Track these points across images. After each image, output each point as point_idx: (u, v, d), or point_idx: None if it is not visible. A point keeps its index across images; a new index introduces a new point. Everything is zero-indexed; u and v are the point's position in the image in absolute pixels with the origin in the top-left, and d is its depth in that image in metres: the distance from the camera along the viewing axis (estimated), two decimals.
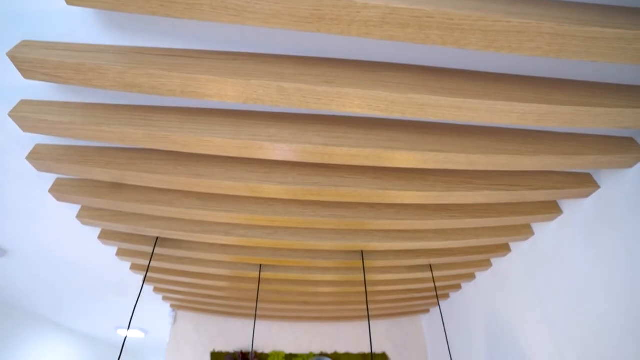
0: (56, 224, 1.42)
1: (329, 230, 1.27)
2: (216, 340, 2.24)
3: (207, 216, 1.12)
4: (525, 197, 1.09)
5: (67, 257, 1.70)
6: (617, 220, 1.01)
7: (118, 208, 1.14)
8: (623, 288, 0.98)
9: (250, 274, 1.49)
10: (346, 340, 2.32)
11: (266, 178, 0.96)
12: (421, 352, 2.33)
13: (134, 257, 1.50)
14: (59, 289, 2.14)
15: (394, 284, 1.68)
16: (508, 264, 1.51)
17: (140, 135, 0.82)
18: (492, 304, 1.62)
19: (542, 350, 1.28)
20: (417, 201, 1.04)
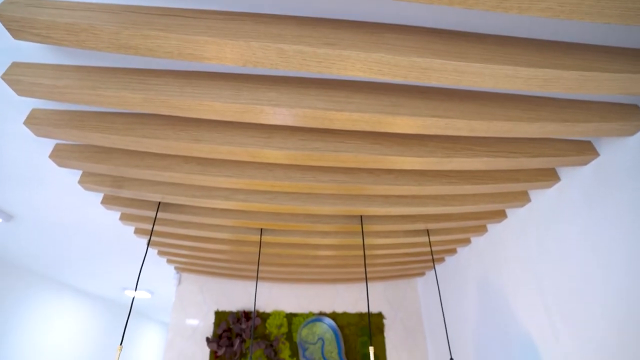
0: (59, 190, 1.43)
1: (328, 195, 1.28)
2: (219, 301, 2.34)
3: (208, 181, 1.13)
4: (524, 164, 1.10)
5: (72, 221, 1.73)
6: (615, 187, 1.02)
7: (119, 173, 1.15)
8: (616, 254, 1.01)
9: (252, 237, 1.53)
10: (344, 301, 2.43)
11: (266, 143, 0.95)
12: (416, 312, 2.45)
13: (138, 222, 1.53)
14: (66, 252, 2.21)
15: (392, 248, 1.73)
16: (503, 229, 1.55)
17: (138, 99, 0.81)
18: (485, 268, 1.68)
19: (531, 311, 1.35)
20: (417, 167, 1.05)
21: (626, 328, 0.96)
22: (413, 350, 2.31)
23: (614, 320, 1.00)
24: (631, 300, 0.95)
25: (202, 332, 2.22)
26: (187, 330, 2.23)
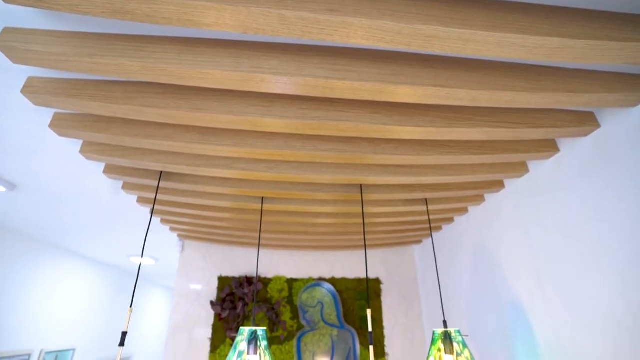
0: (61, 159, 1.44)
1: (328, 164, 1.29)
2: (222, 267, 2.42)
3: (208, 150, 1.13)
4: (524, 135, 1.10)
5: (75, 190, 1.75)
6: (615, 158, 1.03)
7: (119, 143, 1.15)
8: (611, 224, 1.04)
9: (252, 205, 1.56)
10: (343, 267, 2.51)
11: (267, 112, 0.95)
12: (412, 278, 2.54)
13: (140, 191, 1.54)
14: (71, 221, 2.25)
15: (390, 217, 1.76)
16: (501, 199, 1.58)
17: (136, 67, 0.79)
18: (481, 236, 1.73)
19: (523, 277, 1.40)
20: (417, 137, 1.05)
21: (613, 294, 1.01)
22: (408, 313, 2.43)
23: (603, 286, 1.05)
24: (622, 267, 0.99)
25: (206, 296, 2.32)
26: (191, 294, 2.32)
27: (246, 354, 1.19)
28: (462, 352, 1.26)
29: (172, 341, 2.19)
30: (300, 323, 2.30)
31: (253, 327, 1.22)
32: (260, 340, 1.21)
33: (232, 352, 1.19)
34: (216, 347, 2.18)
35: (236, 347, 1.19)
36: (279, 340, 2.24)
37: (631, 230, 0.96)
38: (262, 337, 1.22)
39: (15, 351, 2.64)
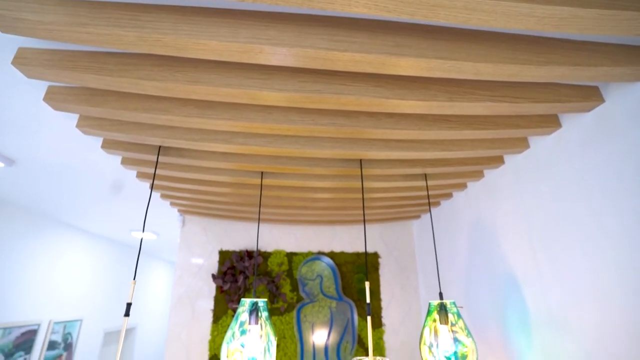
0: (59, 134, 1.42)
1: (328, 139, 1.28)
2: (223, 241, 2.45)
3: (207, 124, 1.12)
4: (527, 109, 1.08)
5: (75, 165, 1.74)
6: (618, 134, 1.02)
7: (117, 117, 1.13)
8: (609, 200, 1.05)
9: (252, 180, 1.56)
10: (342, 241, 2.55)
11: (265, 85, 0.93)
12: (409, 252, 2.59)
13: (139, 166, 1.54)
14: (72, 196, 2.25)
15: (389, 192, 1.77)
16: (500, 175, 1.58)
17: (131, 37, 0.77)
18: (479, 211, 1.74)
19: (518, 252, 1.43)
20: (418, 111, 1.04)
21: (606, 269, 1.03)
22: (405, 286, 2.49)
23: (598, 261, 1.07)
24: (618, 243, 1.01)
25: (208, 270, 2.36)
26: (193, 268, 2.36)
27: (247, 324, 1.22)
28: (456, 323, 1.31)
29: (175, 312, 2.26)
30: (299, 295, 2.36)
31: (254, 299, 1.25)
32: (261, 311, 1.24)
33: (234, 323, 1.22)
34: (218, 317, 2.25)
35: (238, 318, 1.23)
36: (279, 311, 2.31)
37: (630, 207, 0.97)
38: (263, 308, 1.26)
39: (25, 321, 2.73)
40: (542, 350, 1.29)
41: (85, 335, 3.57)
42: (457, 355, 1.26)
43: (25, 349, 2.73)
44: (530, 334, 1.35)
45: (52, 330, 3.03)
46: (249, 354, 1.19)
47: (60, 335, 3.17)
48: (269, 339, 1.23)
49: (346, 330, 2.32)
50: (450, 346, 1.27)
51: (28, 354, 2.77)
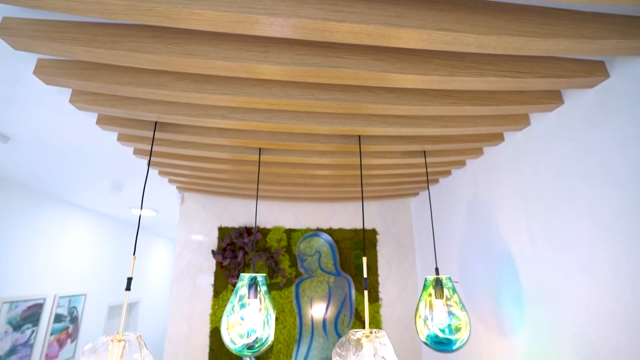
0: (53, 110, 1.40)
1: (327, 114, 1.27)
2: (222, 217, 2.47)
3: (204, 99, 1.09)
4: (530, 85, 1.06)
5: (71, 142, 1.73)
6: (620, 111, 1.00)
7: (111, 92, 1.11)
8: (609, 181, 1.04)
9: (250, 157, 1.55)
10: (340, 218, 2.57)
11: (263, 58, 0.90)
12: (407, 229, 2.62)
13: (136, 142, 1.52)
14: (70, 173, 2.24)
15: (388, 169, 1.77)
16: (499, 152, 1.57)
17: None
18: (477, 189, 1.74)
19: (514, 229, 1.44)
20: (419, 85, 1.01)
21: (603, 247, 1.04)
22: (402, 262, 2.54)
23: (595, 240, 1.08)
24: (615, 220, 1.02)
25: (208, 246, 2.39)
26: (193, 244, 2.39)
27: (247, 298, 1.25)
28: (451, 297, 1.34)
29: (176, 287, 2.31)
30: (298, 271, 2.41)
31: (253, 274, 1.27)
32: (260, 286, 1.26)
33: (234, 297, 1.25)
34: (219, 292, 2.30)
35: (237, 292, 1.25)
36: (278, 286, 2.36)
37: (632, 186, 0.97)
38: (262, 282, 1.28)
39: (31, 296, 2.79)
40: (533, 324, 1.32)
41: (89, 309, 3.66)
42: (451, 328, 1.29)
43: (32, 321, 2.81)
44: (522, 309, 1.38)
45: (58, 304, 3.11)
46: (249, 327, 1.22)
47: (66, 308, 3.25)
48: (268, 312, 1.25)
49: (344, 305, 2.38)
50: (445, 319, 1.30)
51: (36, 326, 2.85)
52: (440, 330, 1.30)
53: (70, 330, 3.34)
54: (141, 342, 1.07)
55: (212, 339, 2.22)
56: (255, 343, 1.21)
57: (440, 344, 1.29)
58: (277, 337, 2.27)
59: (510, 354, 1.46)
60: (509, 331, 1.47)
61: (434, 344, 1.30)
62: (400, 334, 2.40)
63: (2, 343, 2.48)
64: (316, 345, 2.29)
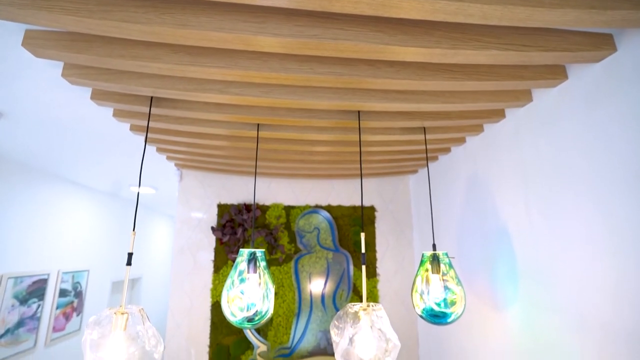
0: (46, 84, 1.36)
1: (326, 89, 1.24)
2: (221, 194, 2.47)
3: (199, 73, 1.07)
4: (533, 59, 1.03)
5: (65, 118, 1.70)
6: (625, 87, 0.98)
7: (104, 65, 1.08)
8: (610, 159, 1.04)
9: (248, 133, 1.53)
10: (339, 195, 2.58)
11: (260, 29, 0.87)
12: (405, 206, 2.63)
13: (132, 118, 1.50)
14: (68, 151, 2.22)
15: (388, 145, 1.75)
16: (500, 129, 1.55)
17: None
18: (476, 166, 1.74)
19: (512, 206, 1.45)
20: (420, 59, 0.99)
21: (598, 223, 1.05)
22: (400, 238, 2.57)
23: (592, 217, 1.08)
24: (613, 196, 1.02)
25: (207, 222, 2.41)
26: (193, 221, 2.41)
27: (246, 273, 1.27)
28: (447, 272, 1.36)
29: (177, 263, 2.34)
30: (297, 247, 2.44)
31: (252, 249, 1.29)
32: (259, 261, 1.28)
33: (233, 271, 1.27)
34: (219, 268, 2.34)
35: (236, 267, 1.27)
36: (277, 262, 2.40)
37: (632, 163, 0.96)
38: (261, 258, 1.29)
39: (35, 271, 2.84)
40: (527, 299, 1.35)
41: (93, 285, 3.74)
42: (447, 302, 1.32)
43: (38, 296, 2.87)
44: (517, 284, 1.41)
45: (62, 279, 3.17)
46: (249, 300, 1.24)
47: (70, 284, 3.31)
48: (268, 286, 1.28)
49: (342, 280, 2.43)
50: (441, 293, 1.33)
51: (41, 300, 2.92)
52: (436, 304, 1.33)
53: (76, 305, 3.42)
54: (144, 314, 1.10)
55: (213, 312, 2.28)
56: (255, 316, 1.24)
57: (435, 317, 1.32)
58: (276, 311, 2.33)
59: (503, 327, 1.50)
60: (503, 305, 1.50)
61: (430, 317, 1.33)
62: (397, 308, 2.46)
63: (10, 316, 2.55)
64: (315, 319, 2.35)
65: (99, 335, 1.00)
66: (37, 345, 2.87)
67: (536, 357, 1.30)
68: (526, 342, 1.36)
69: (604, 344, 1.02)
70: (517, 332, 1.41)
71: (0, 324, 2.47)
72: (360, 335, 1.07)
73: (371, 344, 1.07)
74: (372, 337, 1.07)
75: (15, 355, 2.61)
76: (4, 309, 2.50)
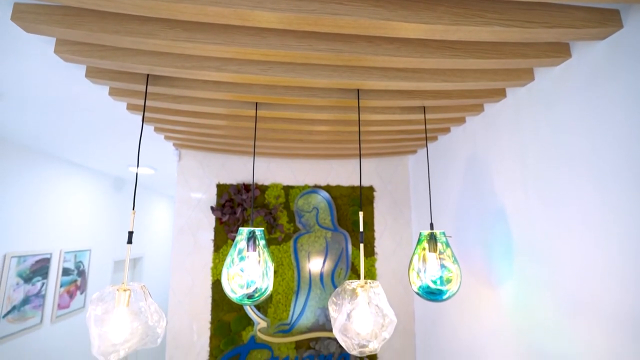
0: (40, 62, 1.34)
1: (325, 66, 1.22)
2: (220, 174, 2.47)
3: (197, 49, 1.05)
4: (537, 36, 1.01)
5: (62, 97, 1.67)
6: (630, 64, 0.96)
7: (97, 41, 1.05)
8: (610, 139, 1.03)
9: (247, 112, 1.52)
10: (338, 175, 2.58)
11: (257, 3, 0.85)
12: (404, 187, 2.64)
13: (128, 97, 1.48)
14: (64, 130, 2.20)
15: (387, 125, 1.74)
16: (500, 109, 1.54)
17: None
18: (476, 147, 1.73)
19: (510, 188, 1.45)
20: (421, 35, 0.97)
21: (595, 203, 1.06)
22: (398, 218, 2.59)
23: (587, 196, 1.09)
24: (610, 178, 1.02)
25: (207, 202, 2.42)
26: (192, 201, 2.42)
27: (246, 251, 1.29)
28: (444, 251, 1.38)
29: (178, 242, 2.37)
30: (296, 226, 2.46)
31: (251, 228, 1.30)
32: (259, 239, 1.30)
33: (233, 250, 1.29)
34: (219, 247, 2.37)
35: (236, 246, 1.29)
36: (277, 241, 2.43)
37: (632, 144, 0.96)
38: (260, 236, 1.31)
39: (37, 250, 2.87)
40: (520, 277, 1.38)
41: (95, 264, 3.79)
42: (442, 279, 1.35)
43: (41, 274, 2.92)
44: (512, 263, 1.44)
45: (64, 259, 3.21)
46: (248, 278, 1.27)
47: (72, 263, 3.36)
48: (267, 264, 1.30)
49: (340, 259, 2.47)
50: (437, 271, 1.36)
51: (45, 279, 2.97)
52: (432, 282, 1.36)
53: (79, 283, 3.48)
54: (145, 291, 1.12)
55: (214, 290, 2.32)
56: (255, 293, 1.26)
57: (431, 294, 1.35)
58: (276, 289, 2.38)
59: (495, 304, 1.54)
60: (497, 283, 1.53)
61: (426, 294, 1.36)
62: (394, 286, 2.51)
63: (15, 294, 2.61)
64: (313, 296, 2.40)
65: (103, 310, 1.03)
66: (43, 322, 2.94)
67: (528, 334, 1.34)
68: (519, 318, 1.40)
69: (595, 323, 1.05)
70: (510, 309, 1.45)
71: (7, 301, 2.52)
72: (358, 311, 1.10)
73: (368, 320, 1.09)
74: (369, 313, 1.10)
75: (23, 331, 2.69)
76: (9, 287, 2.55)
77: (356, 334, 1.10)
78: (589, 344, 1.07)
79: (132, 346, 1.03)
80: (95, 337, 0.98)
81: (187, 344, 2.27)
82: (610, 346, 1.00)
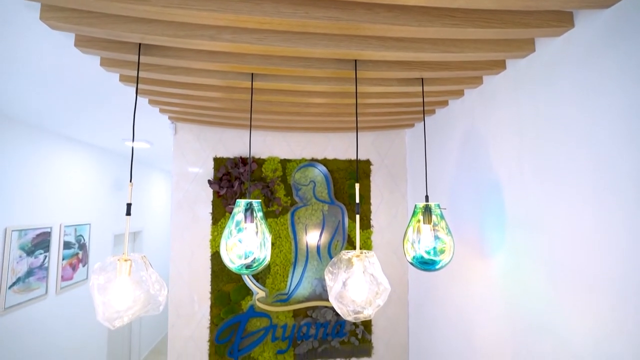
0: (25, 30, 1.29)
1: (322, 35, 1.19)
2: (216, 148, 2.46)
3: (189, 17, 1.01)
4: (540, 3, 0.99)
5: (52, 69, 1.63)
6: (635, 32, 0.94)
7: (86, 7, 1.02)
8: (608, 113, 1.03)
9: (243, 83, 1.49)
10: (335, 149, 2.58)
11: None
12: (401, 160, 2.65)
13: (120, 68, 1.45)
14: (57, 103, 2.16)
15: (384, 97, 1.72)
16: (499, 82, 1.52)
17: None
18: (473, 120, 1.73)
19: (505, 161, 1.46)
20: (421, 2, 0.94)
21: (590, 176, 1.07)
22: (394, 191, 2.62)
23: (582, 169, 1.10)
24: (606, 152, 1.03)
25: (204, 176, 2.43)
26: (189, 175, 2.42)
27: (243, 223, 1.31)
28: (439, 223, 1.41)
29: (176, 216, 2.39)
30: (293, 199, 2.49)
31: (249, 200, 1.32)
32: (256, 211, 1.31)
33: (231, 222, 1.30)
34: (217, 220, 2.40)
35: (233, 217, 1.31)
36: (274, 214, 2.46)
37: (630, 117, 0.96)
38: (258, 208, 1.33)
39: (37, 225, 2.90)
40: (511, 248, 1.42)
41: (96, 237, 3.84)
42: (436, 250, 1.39)
43: (43, 247, 2.97)
44: (503, 234, 1.47)
45: (65, 232, 3.25)
46: (246, 248, 1.29)
47: (73, 236, 3.41)
48: (265, 236, 1.32)
49: (337, 231, 2.51)
50: (431, 242, 1.39)
51: (47, 252, 3.02)
52: (425, 252, 1.40)
53: (81, 256, 3.54)
54: (146, 261, 1.15)
55: (213, 261, 2.37)
56: (253, 263, 1.30)
57: (424, 264, 1.39)
58: (274, 260, 2.44)
59: (487, 273, 1.59)
60: (489, 253, 1.58)
61: (419, 264, 1.40)
62: (389, 257, 2.57)
63: (19, 266, 2.66)
64: (310, 267, 2.46)
65: (105, 280, 1.06)
66: (48, 293, 3.02)
67: (517, 301, 1.39)
68: (508, 287, 1.45)
69: (584, 294, 1.09)
70: (500, 278, 1.50)
71: (11, 273, 2.57)
72: (353, 279, 1.14)
73: (363, 287, 1.13)
74: (364, 281, 1.14)
75: (29, 301, 2.77)
76: (12, 260, 2.60)
77: (351, 301, 1.14)
78: (578, 310, 1.11)
79: (135, 313, 1.06)
80: (99, 304, 1.01)
81: (188, 313, 2.34)
82: (601, 316, 1.04)
